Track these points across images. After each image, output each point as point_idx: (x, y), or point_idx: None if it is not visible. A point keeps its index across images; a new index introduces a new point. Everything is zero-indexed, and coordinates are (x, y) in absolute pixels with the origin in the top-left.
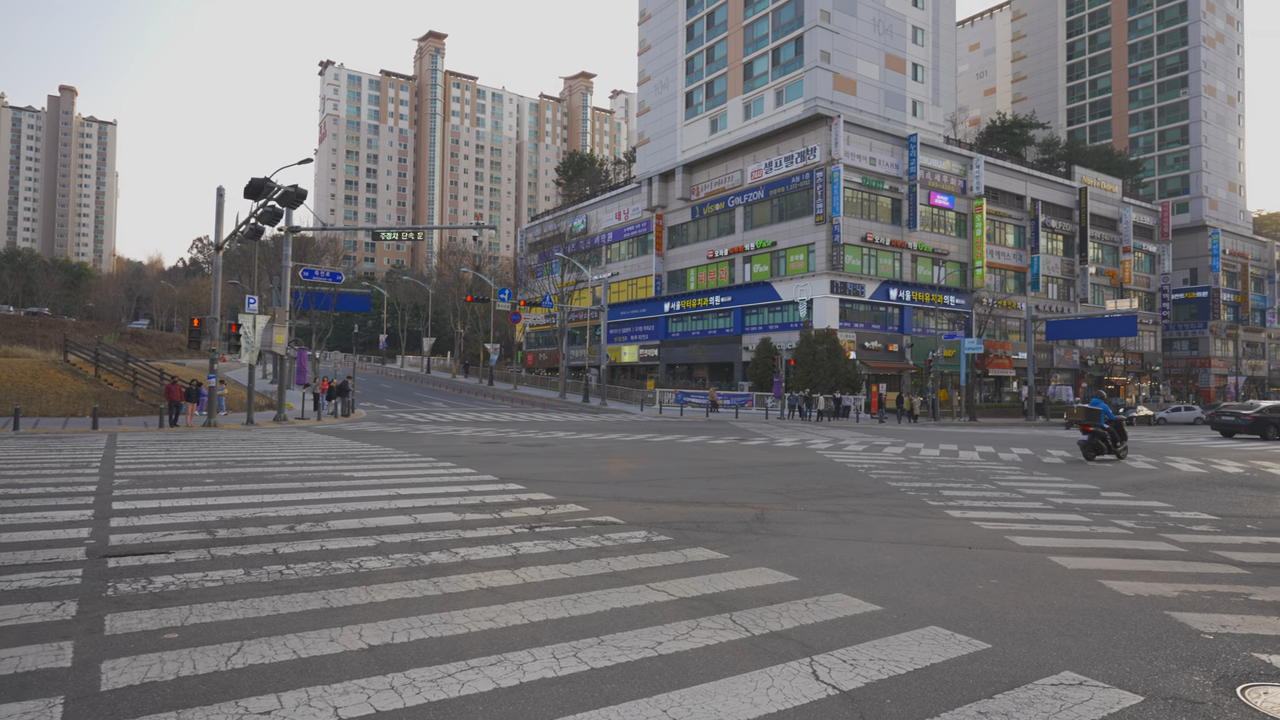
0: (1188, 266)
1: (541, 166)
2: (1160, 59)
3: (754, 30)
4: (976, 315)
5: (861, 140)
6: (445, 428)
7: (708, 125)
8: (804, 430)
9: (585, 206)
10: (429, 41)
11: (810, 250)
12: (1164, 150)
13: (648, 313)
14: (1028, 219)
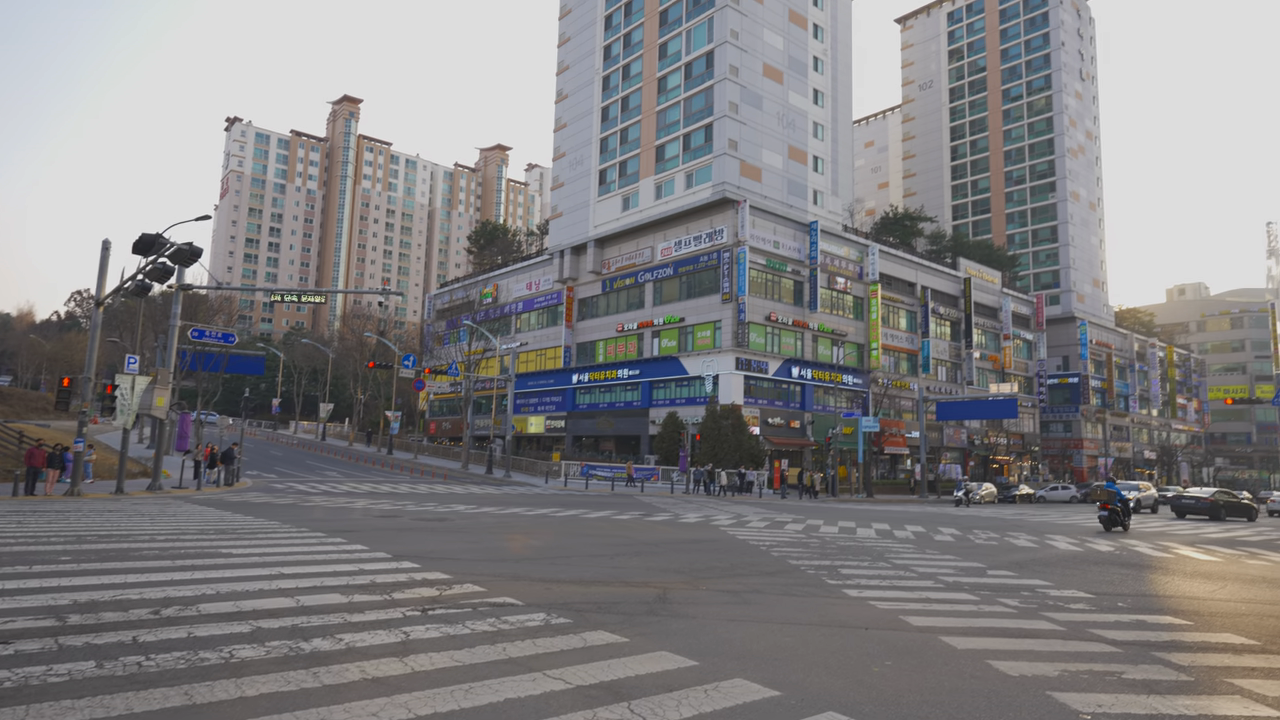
0: (1061, 354)
1: (453, 234)
2: (1031, 165)
3: (666, 116)
4: (873, 395)
5: (766, 224)
6: (338, 499)
7: (620, 202)
8: (708, 505)
9: (496, 275)
10: (343, 105)
11: (717, 327)
12: (1037, 247)
13: (556, 384)
14: (919, 305)
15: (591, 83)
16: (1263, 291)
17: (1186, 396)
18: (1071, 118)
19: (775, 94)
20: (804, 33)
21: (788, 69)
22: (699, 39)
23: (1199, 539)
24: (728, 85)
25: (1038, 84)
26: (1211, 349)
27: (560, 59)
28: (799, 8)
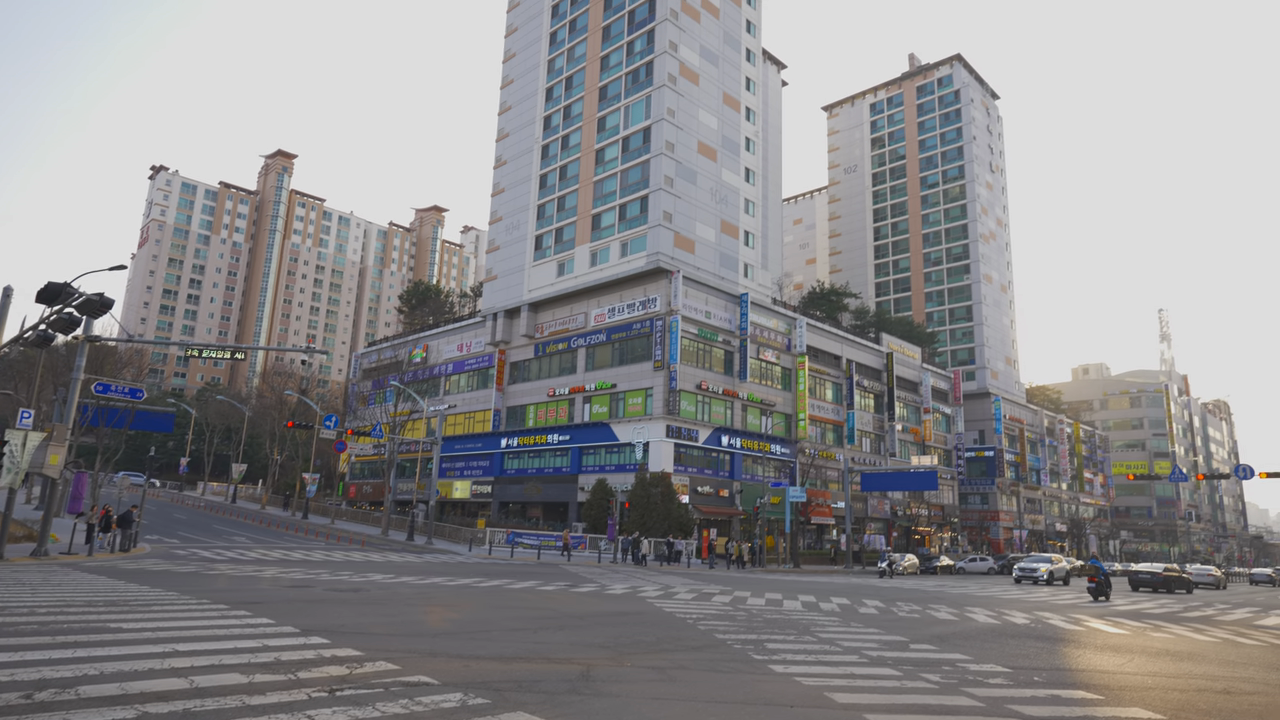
0: (977, 428)
1: (385, 293)
2: (948, 248)
3: (603, 186)
4: (800, 465)
5: (698, 295)
6: (245, 567)
7: (555, 268)
8: (635, 576)
9: (427, 336)
10: (277, 159)
11: (648, 394)
12: (954, 325)
13: (484, 448)
14: (844, 378)
15: (531, 150)
16: (1157, 373)
17: (1093, 471)
18: (983, 206)
19: (709, 170)
20: (737, 115)
21: (721, 147)
22: (637, 115)
23: (1153, 614)
24: (664, 160)
25: (952, 173)
26: (1114, 426)
27: (500, 126)
28: (733, 91)
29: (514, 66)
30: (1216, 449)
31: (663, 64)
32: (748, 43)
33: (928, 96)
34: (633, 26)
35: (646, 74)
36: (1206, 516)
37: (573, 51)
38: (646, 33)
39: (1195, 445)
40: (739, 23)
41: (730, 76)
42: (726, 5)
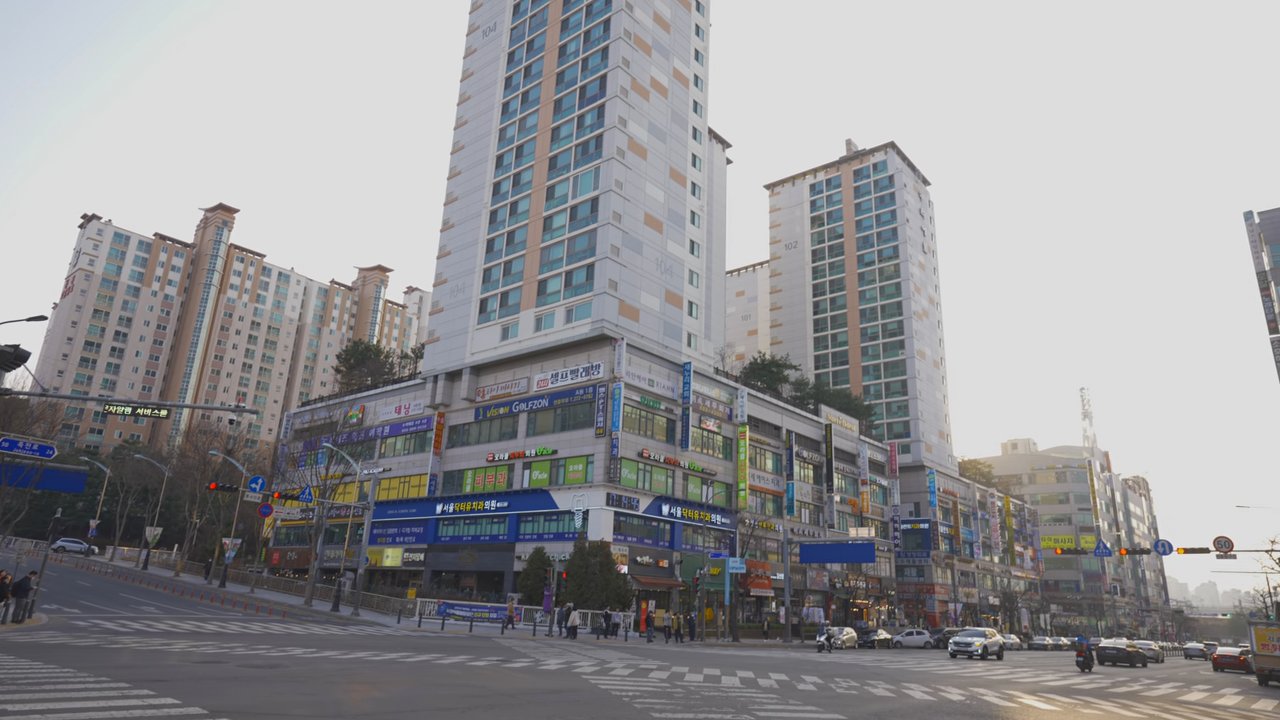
0: (913, 500)
1: (322, 352)
2: (883, 324)
3: (550, 253)
4: (740, 535)
5: (642, 363)
6: (153, 640)
7: (499, 332)
8: (571, 650)
9: (364, 397)
10: (217, 213)
11: (590, 461)
12: (890, 398)
13: (418, 513)
14: (784, 448)
15: (479, 215)
16: (1081, 449)
17: (1023, 545)
18: (916, 284)
19: (655, 241)
20: (683, 189)
21: (667, 220)
22: (585, 185)
23: (1083, 690)
24: (611, 230)
25: (887, 253)
26: (1041, 500)
27: (449, 190)
28: (679, 167)
29: (465, 133)
30: (1137, 524)
31: (612, 138)
32: (694, 122)
33: (864, 180)
34: (584, 101)
35: (596, 147)
36: (1131, 591)
37: (524, 122)
38: (597, 108)
39: (1118, 520)
40: (686, 103)
41: (677, 153)
42: (675, 86)
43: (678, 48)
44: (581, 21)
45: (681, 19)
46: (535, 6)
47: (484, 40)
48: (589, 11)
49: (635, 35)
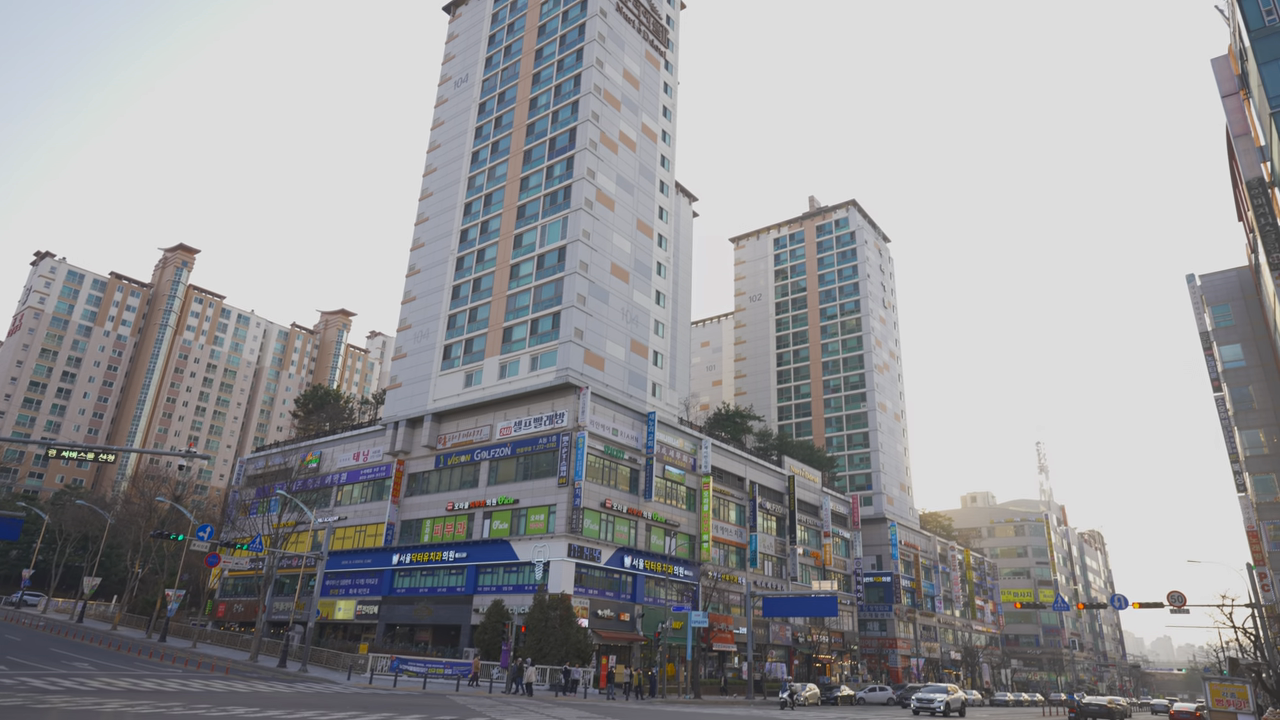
0: (875, 553)
1: (280, 396)
2: (845, 376)
3: (516, 301)
4: (703, 588)
5: (606, 412)
6: (85, 700)
7: (463, 378)
8: (529, 709)
9: (322, 443)
10: (177, 253)
11: (551, 511)
12: (852, 450)
13: (373, 564)
14: (747, 499)
15: (445, 261)
16: (1038, 503)
17: (983, 598)
18: (877, 338)
19: (621, 291)
20: (650, 240)
21: (634, 270)
22: (553, 234)
23: None
24: (578, 279)
25: (849, 307)
26: (1000, 553)
27: (417, 236)
28: (646, 219)
29: (434, 180)
30: (1094, 577)
31: (580, 189)
32: (661, 175)
33: (826, 235)
34: (553, 153)
35: (565, 197)
36: (1089, 645)
37: (493, 171)
38: (566, 159)
39: (1075, 574)
40: (654, 157)
41: (644, 205)
42: (643, 140)
43: (646, 104)
44: (553, 76)
45: (651, 76)
46: (507, 60)
47: (455, 91)
48: (560, 67)
49: (605, 91)
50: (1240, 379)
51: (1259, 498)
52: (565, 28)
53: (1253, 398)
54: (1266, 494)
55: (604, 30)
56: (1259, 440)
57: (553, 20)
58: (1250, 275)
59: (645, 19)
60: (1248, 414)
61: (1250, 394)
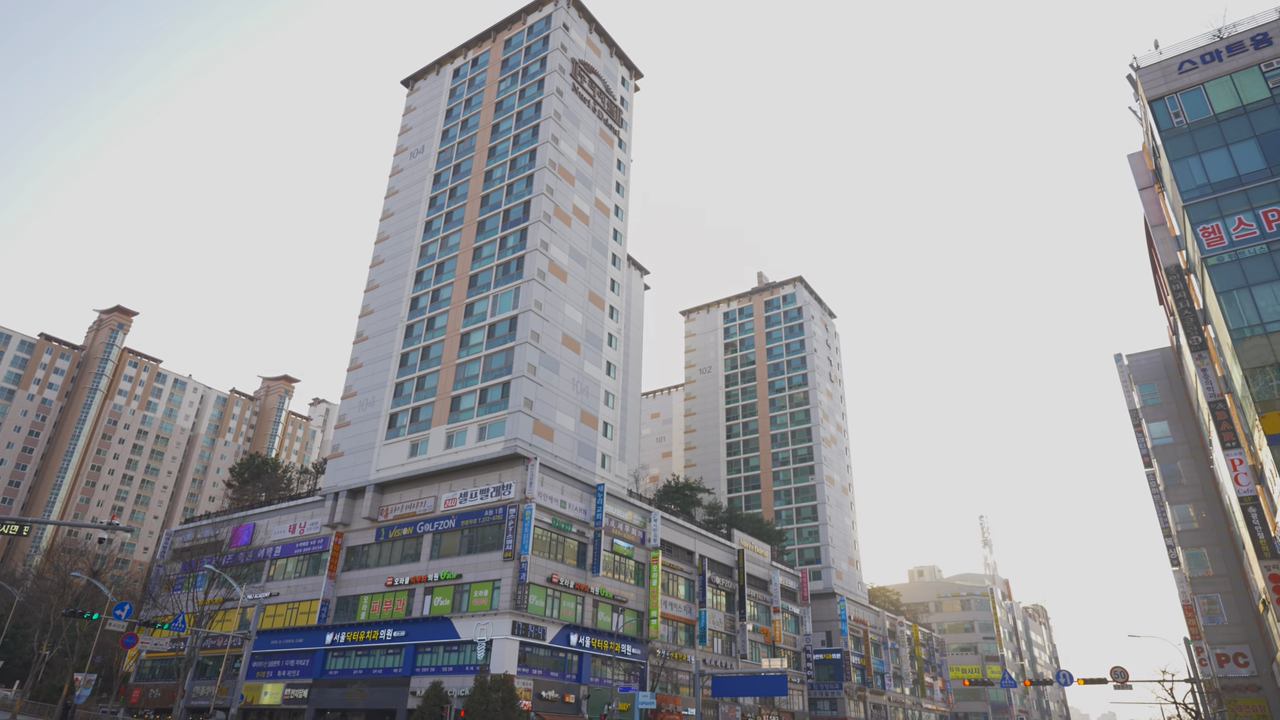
0: (824, 629)
1: (215, 464)
2: (794, 449)
3: (466, 369)
4: (651, 666)
5: (554, 483)
6: None
7: (408, 448)
8: None
9: (256, 514)
10: (113, 315)
11: (496, 586)
12: (801, 524)
13: (305, 643)
14: (697, 574)
15: (395, 329)
16: (983, 577)
17: (932, 675)
18: (825, 412)
19: (572, 362)
20: (601, 312)
21: (585, 341)
22: (505, 304)
23: None
24: (529, 349)
25: (797, 380)
26: (948, 629)
27: (366, 302)
28: (598, 290)
29: (386, 248)
30: (1039, 652)
31: (534, 260)
32: (614, 248)
33: (775, 310)
34: (507, 224)
35: (517, 267)
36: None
37: (446, 240)
38: (520, 230)
39: (1021, 649)
40: (607, 230)
41: (596, 277)
42: (596, 214)
43: (600, 179)
44: (508, 150)
45: (605, 153)
46: (464, 133)
47: (411, 161)
48: (516, 141)
49: (560, 165)
50: (1169, 455)
51: (1192, 572)
52: (522, 104)
53: (1181, 473)
54: (1199, 568)
55: (560, 108)
56: (1189, 515)
57: (510, 97)
58: (1173, 355)
59: (600, 99)
60: (1177, 489)
61: (1179, 470)
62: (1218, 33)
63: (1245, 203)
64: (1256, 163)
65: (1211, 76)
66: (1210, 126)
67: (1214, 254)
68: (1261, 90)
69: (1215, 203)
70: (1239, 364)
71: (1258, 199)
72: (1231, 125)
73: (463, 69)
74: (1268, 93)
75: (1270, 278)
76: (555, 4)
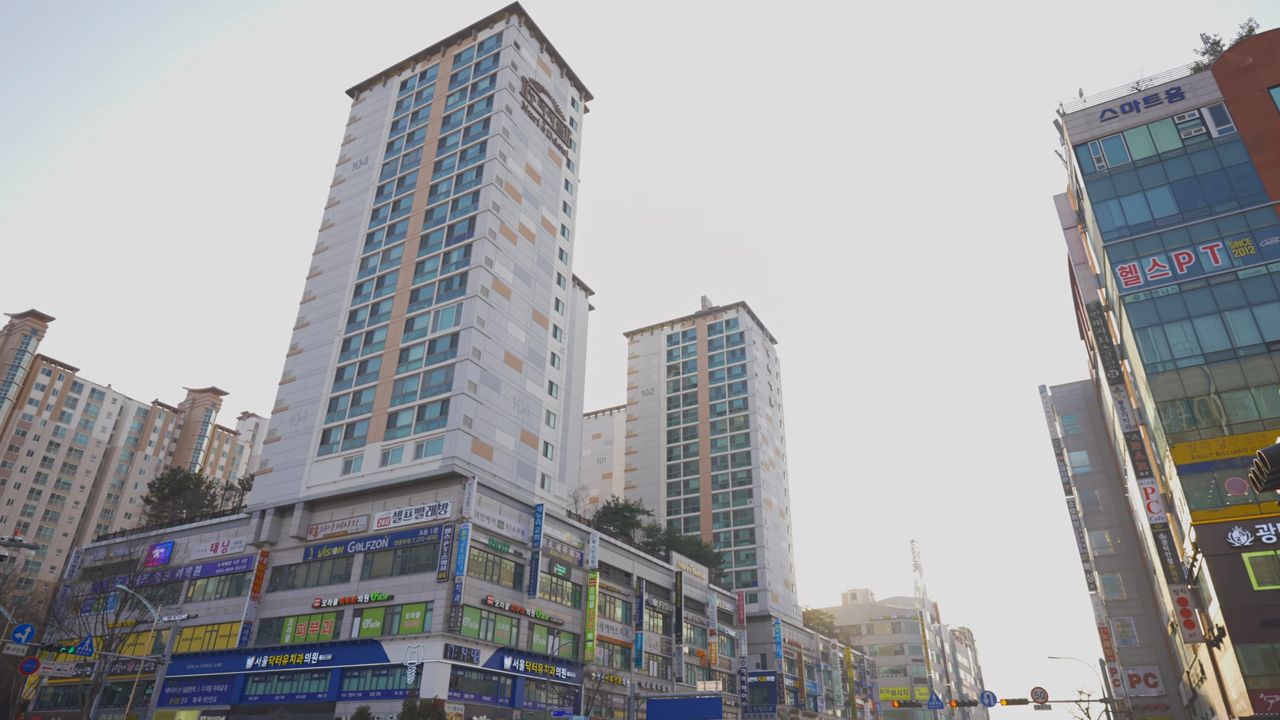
0: (759, 652)
1: (133, 479)
2: (733, 472)
3: (404, 385)
4: (585, 690)
5: (492, 503)
6: None
7: (341, 465)
8: None
9: (175, 532)
10: (26, 320)
11: (429, 608)
12: (738, 547)
13: (224, 668)
14: (634, 596)
15: (331, 342)
16: (913, 600)
17: (863, 697)
18: (764, 436)
19: (514, 380)
20: (545, 331)
21: (527, 359)
22: (447, 320)
23: None
24: (470, 366)
25: (738, 404)
26: (879, 651)
27: (301, 314)
28: (542, 309)
29: (325, 259)
30: (965, 674)
31: (477, 277)
32: (559, 268)
33: (717, 334)
34: (451, 239)
35: (461, 283)
36: None
37: (388, 254)
38: (464, 246)
39: (948, 670)
40: (553, 249)
41: (541, 295)
42: (542, 233)
43: (547, 198)
44: (455, 165)
45: (552, 173)
46: (409, 146)
47: (354, 172)
48: (463, 157)
49: (507, 183)
50: (1087, 483)
51: (1107, 595)
52: (470, 120)
53: (1099, 501)
54: (1113, 592)
55: (508, 126)
56: (1105, 541)
57: (458, 113)
58: (1093, 388)
59: (549, 119)
60: (1095, 516)
61: (1096, 498)
62: (1136, 85)
63: (1159, 245)
64: (1170, 208)
65: (1130, 125)
66: (1129, 172)
67: (1131, 292)
68: (1174, 140)
69: (1133, 244)
70: (1152, 397)
71: (1170, 242)
72: (1148, 172)
73: (410, 81)
74: (1180, 143)
75: (1181, 316)
76: (507, 22)
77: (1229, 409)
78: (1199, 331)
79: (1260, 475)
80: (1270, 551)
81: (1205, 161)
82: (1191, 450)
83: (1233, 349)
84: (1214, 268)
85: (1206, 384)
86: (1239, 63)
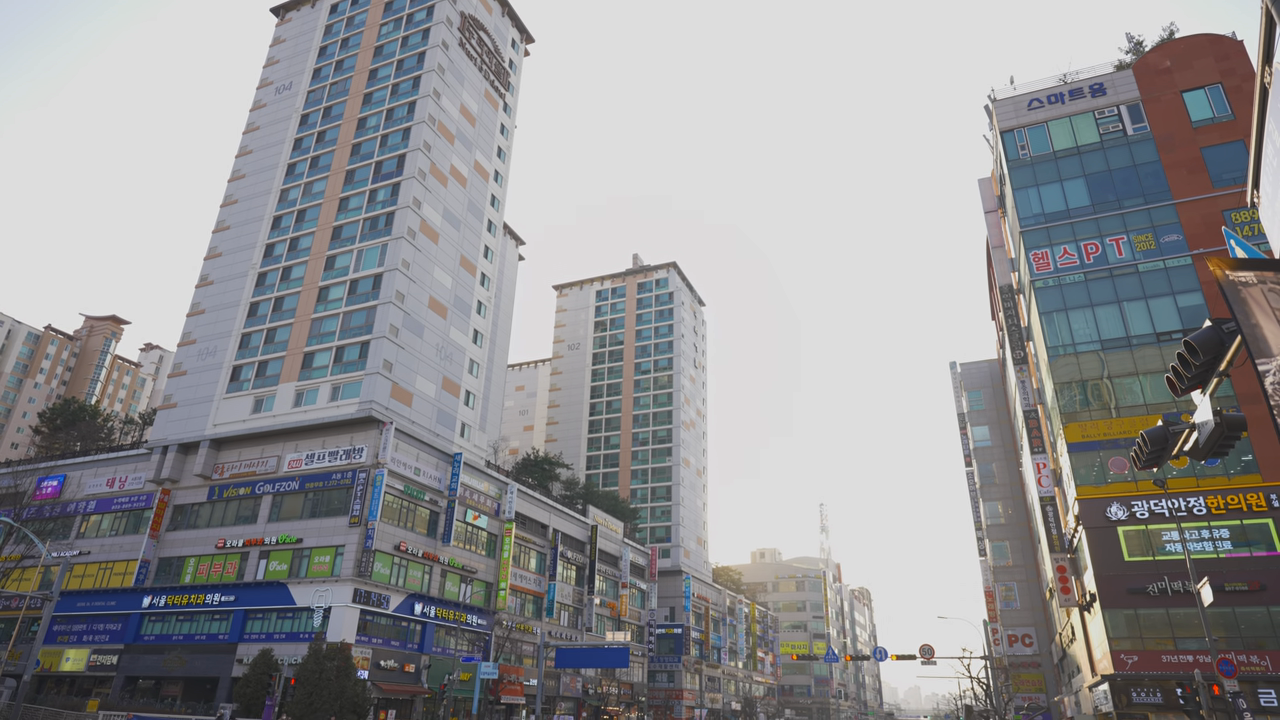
0: (669, 605)
1: (21, 408)
2: (654, 430)
3: (322, 325)
4: (496, 638)
5: (409, 450)
6: None
7: (251, 403)
8: None
9: (68, 465)
10: None
11: (339, 552)
12: (654, 503)
13: (118, 606)
14: (549, 547)
15: (245, 275)
16: (818, 561)
17: (765, 650)
18: (686, 396)
19: (438, 326)
20: (472, 278)
21: (453, 306)
22: (370, 260)
23: None
24: (392, 309)
25: (662, 364)
26: (783, 608)
27: (213, 244)
28: (471, 256)
29: (241, 187)
30: (861, 631)
31: (404, 218)
32: (490, 214)
33: (647, 293)
34: (378, 176)
35: (386, 223)
36: (853, 694)
37: (310, 187)
38: (392, 185)
39: (845, 628)
40: (484, 195)
41: (470, 242)
42: (474, 178)
43: (481, 142)
44: (385, 99)
45: (488, 116)
46: (338, 75)
47: (276, 97)
48: (395, 91)
49: (440, 123)
50: (986, 457)
51: (995, 562)
52: (404, 53)
53: (995, 474)
54: (1001, 559)
55: (444, 63)
56: (998, 511)
57: (391, 43)
58: (999, 367)
59: (488, 59)
60: (990, 488)
61: (993, 471)
62: (1063, 77)
63: (1071, 235)
64: (1083, 199)
65: (1054, 116)
66: (1049, 162)
67: (1041, 278)
68: (1093, 134)
69: (1047, 231)
70: (1052, 379)
71: (1081, 232)
72: (1067, 163)
73: (341, 5)
74: (1098, 137)
75: (1084, 303)
76: None
77: (1119, 393)
78: (1099, 319)
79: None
80: (1142, 525)
81: (1119, 157)
82: (1082, 430)
83: (1127, 337)
84: (1118, 259)
85: (1101, 369)
86: (1157, 64)
